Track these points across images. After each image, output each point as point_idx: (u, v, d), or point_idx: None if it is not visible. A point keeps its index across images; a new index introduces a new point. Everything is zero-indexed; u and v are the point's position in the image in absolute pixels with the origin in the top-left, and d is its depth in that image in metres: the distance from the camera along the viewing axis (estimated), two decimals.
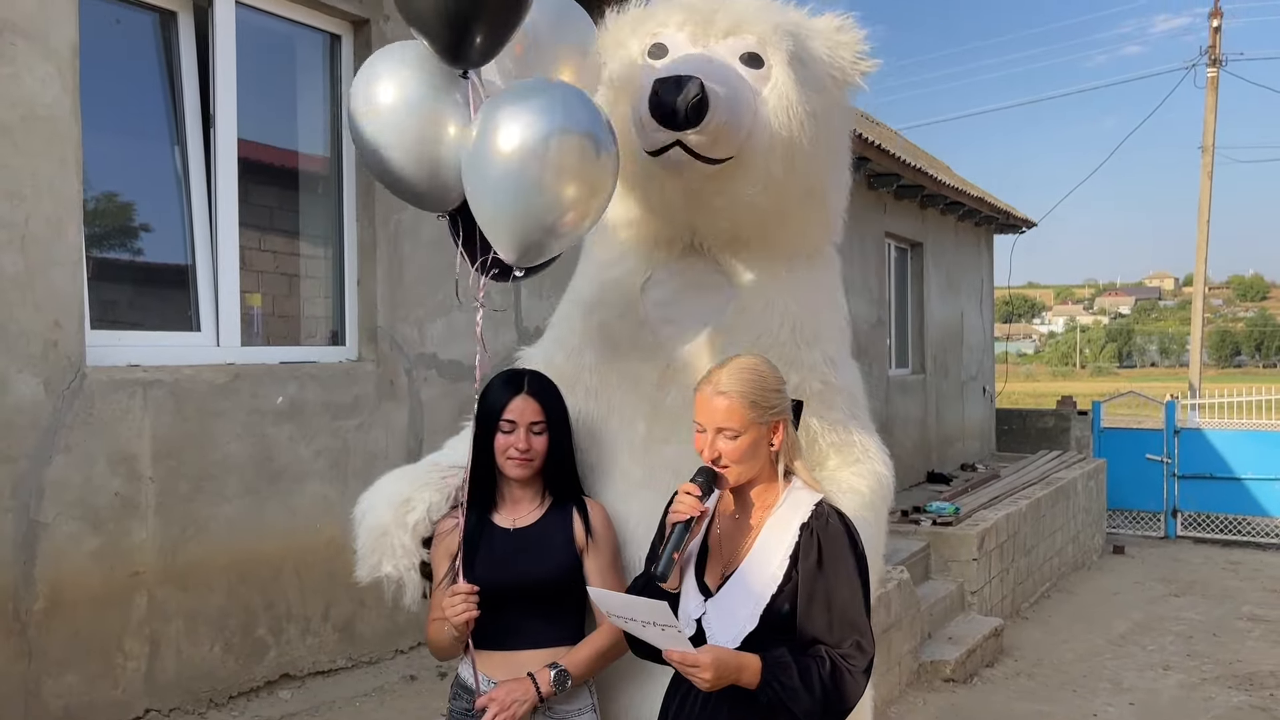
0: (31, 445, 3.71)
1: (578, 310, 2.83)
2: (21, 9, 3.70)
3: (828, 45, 2.65)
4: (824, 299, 2.77)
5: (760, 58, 2.51)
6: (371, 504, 2.63)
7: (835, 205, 2.80)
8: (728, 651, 2.08)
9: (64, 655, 3.80)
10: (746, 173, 2.48)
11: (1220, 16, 18.90)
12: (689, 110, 2.26)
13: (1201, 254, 18.71)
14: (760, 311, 2.63)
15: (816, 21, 2.70)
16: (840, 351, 2.77)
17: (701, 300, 2.67)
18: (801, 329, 2.64)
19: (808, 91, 2.53)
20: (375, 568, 2.56)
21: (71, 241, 3.85)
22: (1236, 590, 9.77)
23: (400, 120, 2.18)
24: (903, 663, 6.26)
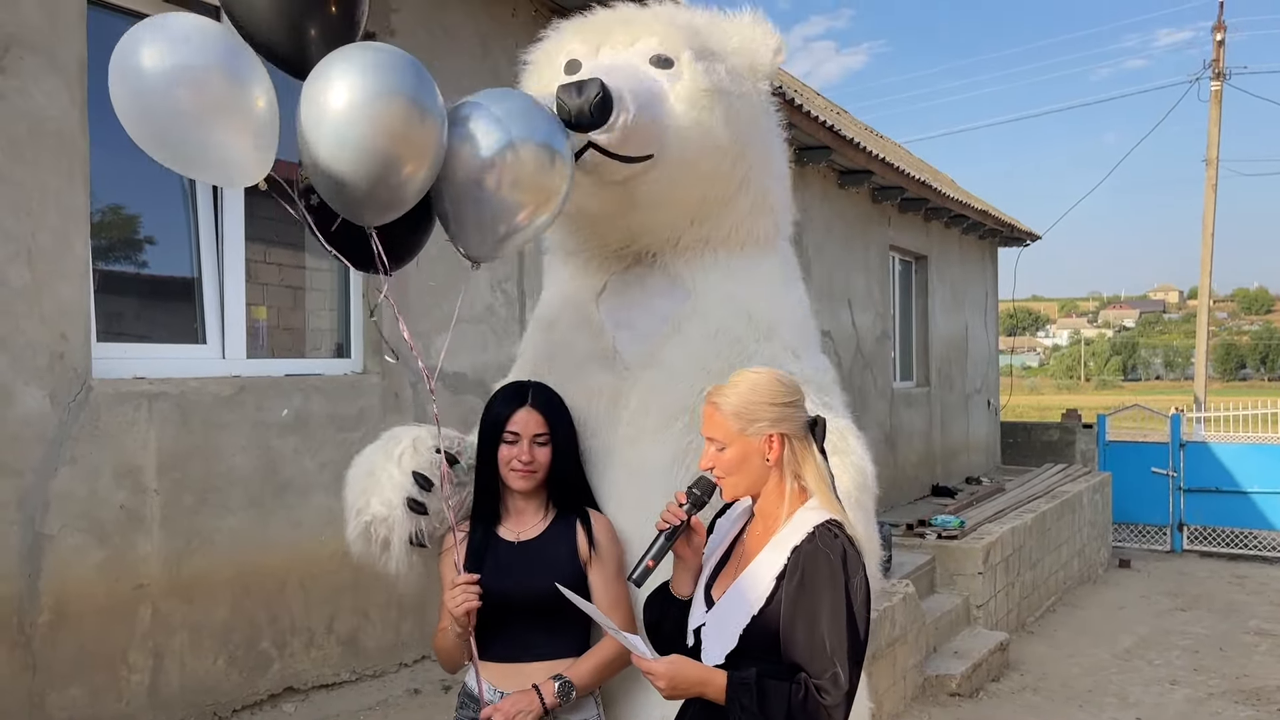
0: (37, 457, 3.72)
1: (539, 331, 2.89)
2: (29, 23, 3.72)
3: (739, 39, 2.70)
4: (779, 290, 2.79)
5: (669, 58, 2.54)
6: (358, 458, 2.65)
7: (777, 196, 2.82)
8: (691, 664, 2.08)
9: (68, 668, 3.79)
10: (670, 168, 2.51)
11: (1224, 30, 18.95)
12: (592, 109, 2.28)
13: (1206, 267, 18.70)
14: (714, 308, 2.65)
15: (727, 20, 2.75)
16: (802, 341, 2.77)
17: (656, 303, 2.70)
18: (757, 322, 2.66)
19: (720, 82, 2.56)
20: (362, 511, 2.54)
21: (78, 254, 3.86)
22: (1243, 604, 9.73)
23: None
24: (908, 677, 6.24)
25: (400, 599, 5.07)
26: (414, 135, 2.08)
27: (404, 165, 2.08)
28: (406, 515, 2.50)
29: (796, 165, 9.13)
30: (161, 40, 1.99)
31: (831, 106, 12.16)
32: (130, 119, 2.02)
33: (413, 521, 2.51)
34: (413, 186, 2.15)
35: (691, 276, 2.69)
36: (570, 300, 2.79)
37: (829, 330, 9.79)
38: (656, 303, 2.70)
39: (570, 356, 2.71)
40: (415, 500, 2.49)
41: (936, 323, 12.72)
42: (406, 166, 2.09)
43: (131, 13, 4.34)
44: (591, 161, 2.40)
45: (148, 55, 1.97)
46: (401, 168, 2.09)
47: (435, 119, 2.11)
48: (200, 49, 2.01)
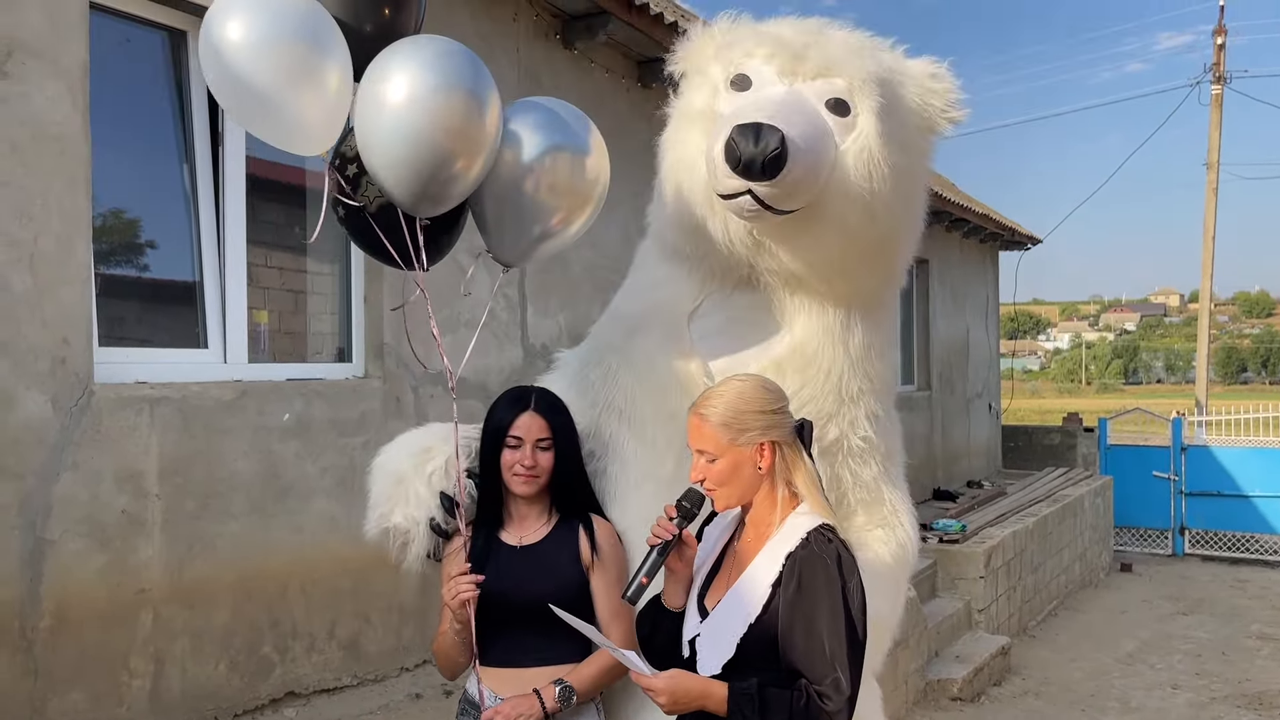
0: (39, 462, 3.72)
1: (619, 328, 2.73)
2: (32, 28, 3.72)
3: (918, 93, 2.53)
4: (876, 352, 2.63)
5: (848, 105, 2.38)
6: (390, 453, 2.60)
7: (905, 257, 2.67)
8: (692, 678, 2.07)
9: (69, 673, 3.79)
10: (818, 224, 2.37)
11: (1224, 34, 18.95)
12: (765, 163, 2.16)
13: (1207, 270, 18.70)
14: (809, 359, 2.51)
15: (910, 66, 2.57)
16: (884, 406, 2.65)
17: (750, 338, 2.55)
18: (848, 383, 2.52)
19: (892, 145, 2.40)
20: (385, 517, 2.53)
21: (80, 259, 3.86)
22: (1245, 608, 9.72)
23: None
24: (909, 681, 6.23)
25: (401, 603, 5.07)
26: (471, 130, 2.09)
27: (458, 160, 2.10)
28: (428, 534, 2.52)
29: None
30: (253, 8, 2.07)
31: None
32: (214, 77, 2.11)
33: (432, 540, 2.53)
34: (466, 180, 2.16)
35: (796, 319, 2.53)
36: (662, 308, 2.62)
37: None
38: (753, 336, 2.55)
39: (650, 368, 2.58)
40: (438, 525, 2.52)
41: (937, 326, 12.72)
42: (460, 161, 2.10)
43: (134, 18, 4.35)
44: (744, 207, 2.29)
45: (237, 23, 2.04)
46: (455, 162, 2.10)
47: (493, 115, 2.13)
48: (289, 19, 2.06)
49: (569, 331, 6.11)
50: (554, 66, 5.95)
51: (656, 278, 2.69)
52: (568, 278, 6.19)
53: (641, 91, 6.83)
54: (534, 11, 5.96)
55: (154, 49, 4.51)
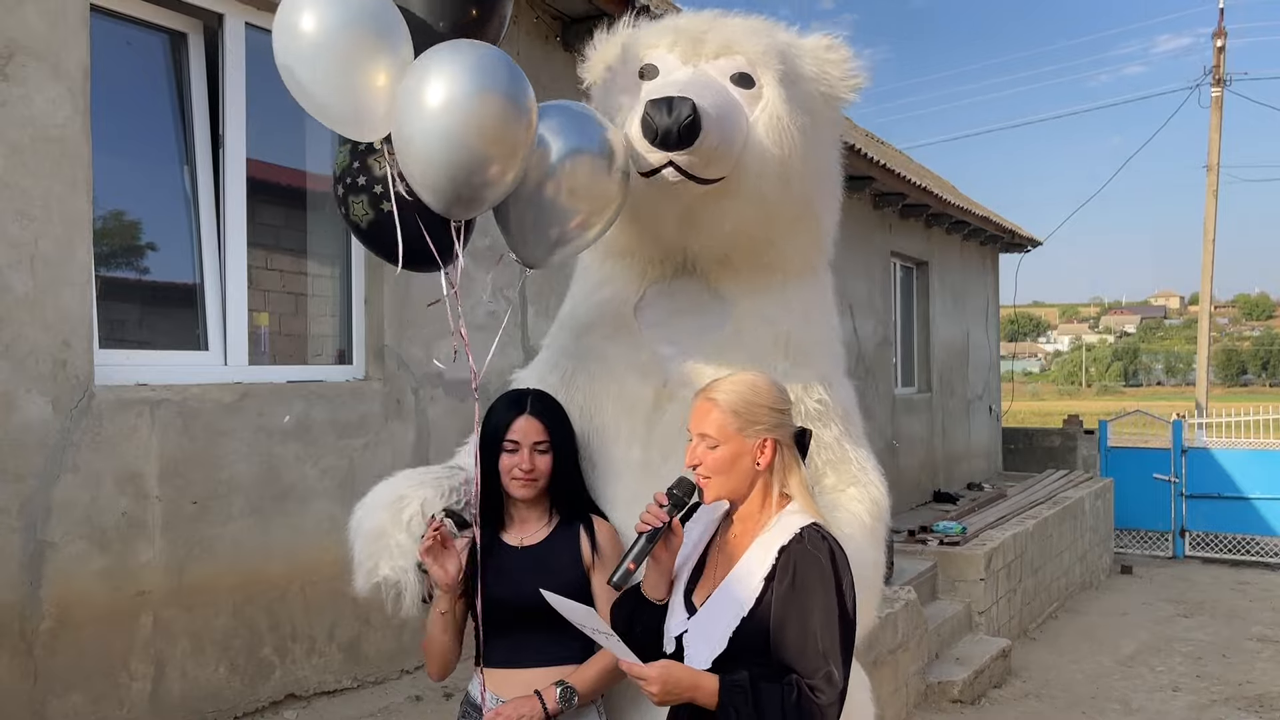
0: (39, 464, 3.72)
1: (569, 332, 2.82)
2: (33, 31, 3.73)
3: (816, 64, 2.66)
4: (817, 317, 2.76)
5: (751, 78, 2.50)
6: (366, 510, 2.61)
7: (827, 224, 2.80)
8: (682, 669, 2.07)
9: (70, 675, 3.79)
10: (739, 192, 2.47)
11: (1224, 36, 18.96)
12: (681, 130, 2.25)
13: (1207, 272, 18.70)
14: (754, 330, 2.62)
15: (805, 41, 2.70)
16: (835, 370, 2.76)
17: (695, 320, 2.66)
18: (795, 348, 2.63)
19: (798, 110, 2.52)
20: (372, 572, 2.53)
21: (81, 261, 3.87)
22: (1245, 610, 9.71)
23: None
24: (910, 684, 6.22)
25: None
26: (508, 135, 2.10)
27: (493, 164, 2.11)
28: (418, 578, 2.52)
29: None
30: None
31: None
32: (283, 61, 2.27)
33: (424, 583, 2.53)
34: (502, 185, 2.18)
35: (736, 294, 2.65)
36: (607, 305, 2.73)
37: None
38: (698, 318, 2.65)
39: (604, 364, 2.66)
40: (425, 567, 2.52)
41: (938, 329, 12.72)
42: (495, 166, 2.12)
43: (135, 20, 4.35)
44: (668, 178, 2.37)
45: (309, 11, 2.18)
46: (490, 166, 2.11)
47: (530, 120, 2.15)
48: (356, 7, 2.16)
49: None
50: (553, 69, 5.96)
51: (599, 279, 2.79)
52: (567, 279, 6.18)
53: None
54: (534, 14, 5.97)
55: (155, 51, 4.52)
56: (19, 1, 3.69)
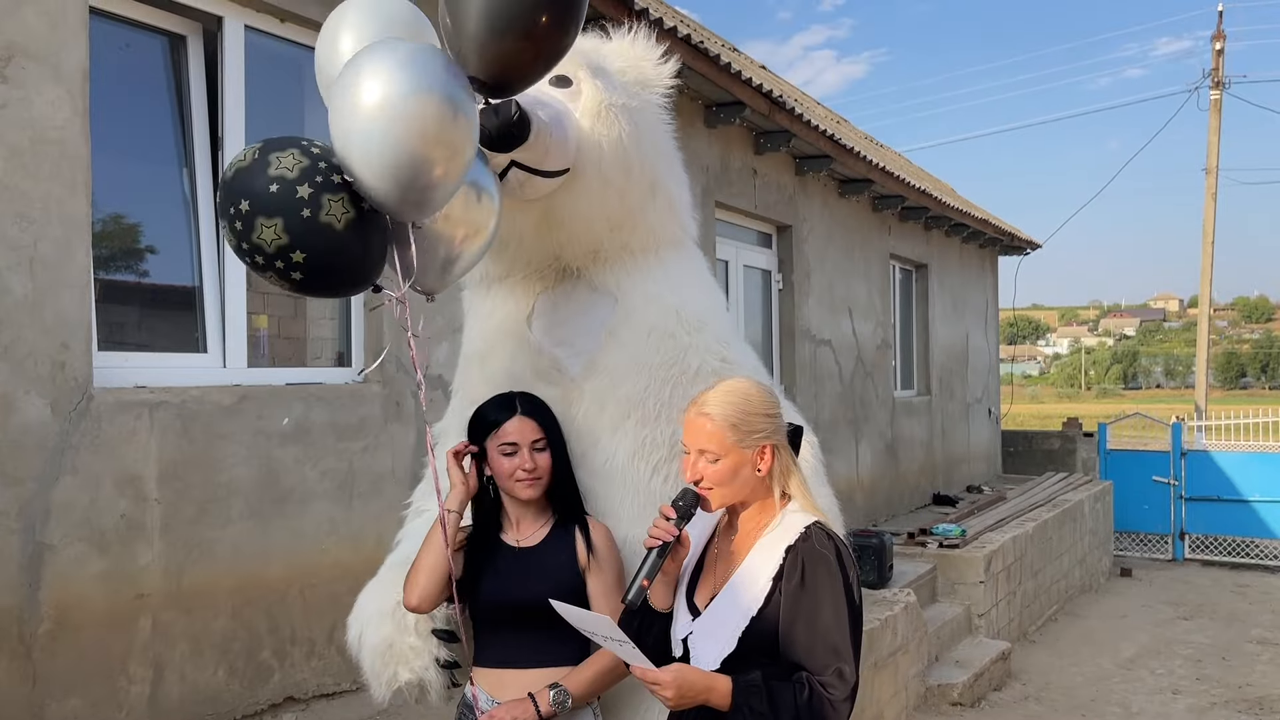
0: (38, 467, 3.71)
1: (474, 363, 2.92)
2: (32, 33, 3.73)
3: (623, 59, 2.81)
4: (699, 285, 2.88)
5: (566, 78, 2.61)
6: (362, 625, 2.67)
7: (680, 199, 2.91)
8: (695, 671, 2.07)
9: (68, 678, 3.78)
10: (585, 180, 2.57)
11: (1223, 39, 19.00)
12: (512, 127, 2.32)
13: (1206, 275, 18.72)
14: (643, 309, 2.72)
15: (608, 44, 2.85)
16: (730, 332, 2.88)
17: (586, 315, 2.76)
18: (685, 316, 2.74)
19: (617, 94, 2.64)
20: (392, 681, 2.60)
21: (80, 263, 3.87)
22: (1245, 613, 9.71)
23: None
24: (910, 686, 6.22)
25: None
26: (446, 135, 2.08)
27: (435, 167, 2.09)
28: (439, 674, 2.59)
29: (797, 174, 9.17)
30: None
31: (832, 115, 12.19)
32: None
33: (446, 676, 2.60)
34: (446, 188, 2.17)
35: (616, 283, 2.76)
36: (500, 328, 2.84)
37: (829, 339, 9.80)
38: (587, 314, 2.76)
39: (511, 379, 2.74)
40: (446, 660, 2.58)
41: (937, 331, 12.72)
42: (438, 168, 2.10)
43: (134, 23, 4.36)
44: (516, 180, 2.46)
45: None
46: (433, 169, 2.10)
47: (469, 117, 2.13)
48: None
49: None
50: None
51: (488, 308, 2.90)
52: None
53: None
54: None
55: (154, 54, 4.52)
56: (18, 4, 3.69)
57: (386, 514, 5.03)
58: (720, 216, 8.08)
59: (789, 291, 9.22)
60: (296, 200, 2.06)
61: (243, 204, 2.06)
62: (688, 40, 6.47)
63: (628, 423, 2.64)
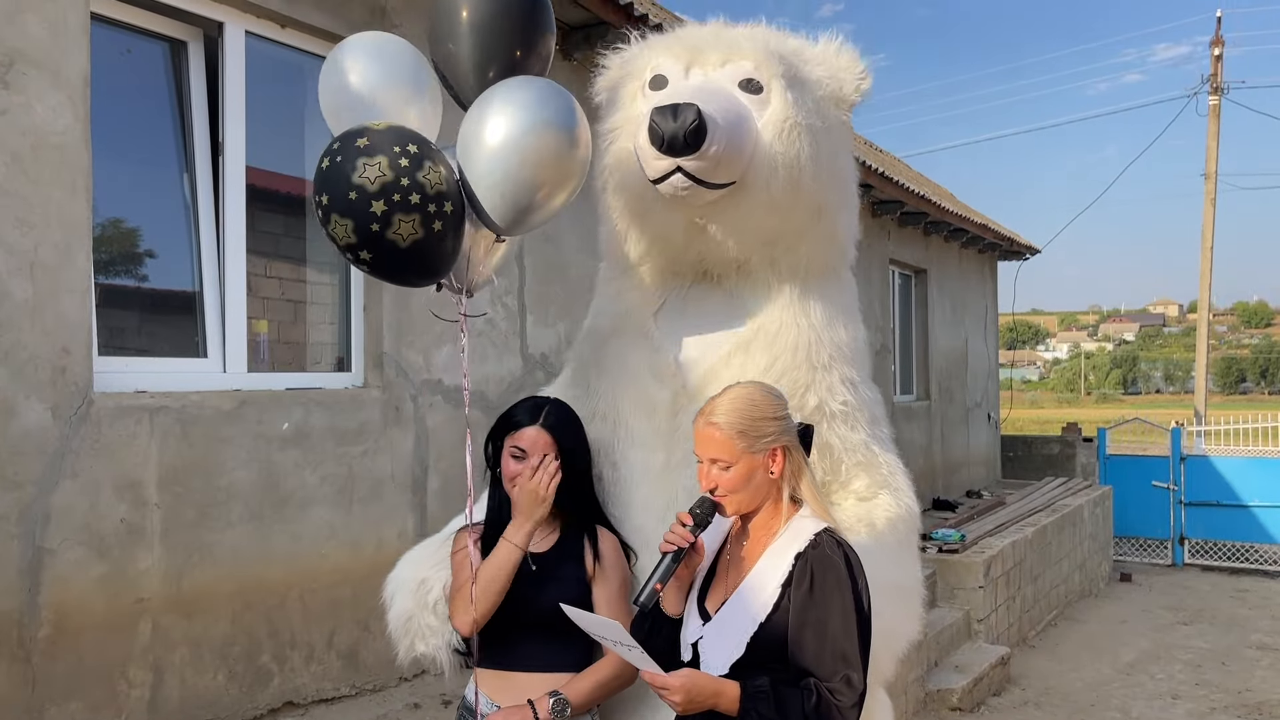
0: (38, 471, 3.72)
1: (591, 344, 2.84)
2: (33, 39, 3.74)
3: (825, 68, 2.68)
4: (839, 320, 2.75)
5: (758, 83, 2.52)
6: (394, 590, 2.69)
7: (845, 226, 2.80)
8: (704, 676, 2.08)
9: (68, 682, 3.78)
10: (750, 197, 2.49)
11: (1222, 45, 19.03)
12: (687, 135, 2.28)
13: (1205, 280, 18.73)
14: (774, 335, 2.62)
15: (812, 47, 2.73)
16: (859, 372, 2.76)
17: (713, 326, 2.67)
18: (816, 352, 2.63)
19: (806, 113, 2.54)
20: (410, 649, 2.62)
21: (80, 268, 3.87)
22: (1245, 618, 9.71)
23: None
24: (909, 691, 6.22)
25: None
26: (563, 164, 2.27)
27: (544, 188, 2.30)
28: (452, 657, 2.60)
29: None
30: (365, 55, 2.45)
31: None
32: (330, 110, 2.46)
33: (457, 660, 2.61)
34: (554, 207, 2.33)
35: (755, 301, 2.66)
36: (627, 314, 2.75)
37: None
38: (717, 324, 2.67)
39: (624, 370, 2.68)
40: (458, 648, 2.59)
41: (936, 336, 12.73)
42: (544, 190, 2.30)
43: (135, 28, 4.37)
44: (679, 184, 2.39)
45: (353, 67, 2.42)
46: (541, 190, 2.30)
47: (582, 148, 2.33)
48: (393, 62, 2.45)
49: (568, 340, 6.12)
50: (553, 76, 5.97)
51: (618, 289, 2.82)
52: (566, 287, 6.20)
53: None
54: None
55: (155, 59, 4.53)
56: (20, 10, 3.70)
57: (386, 518, 5.04)
58: None
59: None
60: (369, 214, 2.16)
61: (323, 197, 2.19)
62: None
63: None
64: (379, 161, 2.18)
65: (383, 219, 2.16)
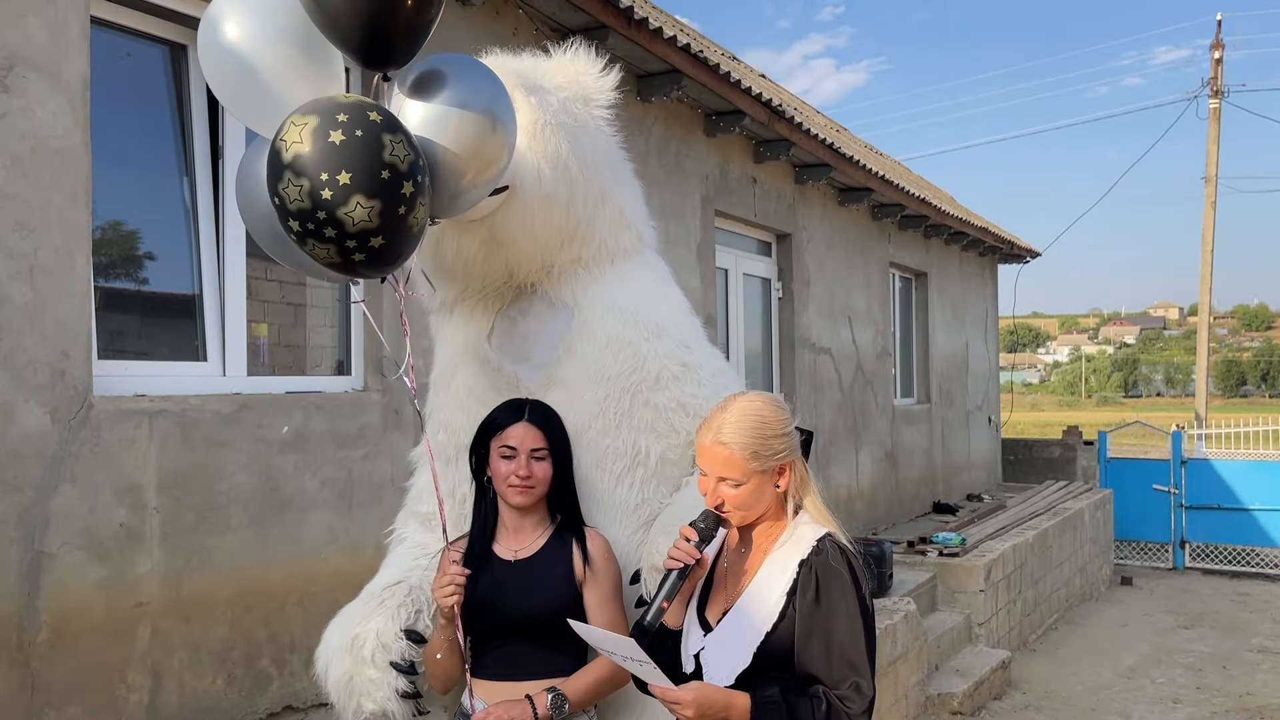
0: (37, 475, 3.71)
1: (439, 390, 2.96)
2: (33, 42, 3.74)
3: (563, 75, 2.83)
4: (655, 291, 2.90)
5: None
6: (327, 658, 2.72)
7: (631, 208, 2.93)
8: (714, 689, 2.06)
9: (67, 687, 3.78)
10: (526, 198, 2.58)
11: (1222, 48, 19.03)
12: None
13: (1206, 283, 18.73)
14: (599, 319, 2.74)
15: (545, 63, 2.87)
16: (692, 335, 2.88)
17: (544, 330, 2.79)
18: (643, 322, 2.76)
19: (554, 112, 2.65)
20: (358, 711, 2.64)
21: (80, 272, 3.87)
22: (1246, 622, 9.70)
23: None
24: (910, 695, 6.21)
25: None
26: (486, 149, 2.21)
27: (467, 174, 2.23)
28: (400, 702, 2.61)
29: (796, 183, 9.18)
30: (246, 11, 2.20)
31: (831, 124, 12.21)
32: (216, 79, 2.28)
33: (410, 706, 2.63)
34: (479, 191, 2.29)
35: (572, 296, 2.78)
36: (464, 348, 2.87)
37: (829, 347, 9.80)
38: (545, 329, 2.79)
39: (476, 400, 2.77)
40: (406, 691, 2.60)
41: (937, 339, 12.72)
42: (468, 176, 2.23)
43: (135, 32, 4.36)
44: None
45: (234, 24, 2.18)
46: (464, 176, 2.23)
47: (508, 132, 2.26)
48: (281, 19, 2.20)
49: None
50: None
51: (449, 332, 2.94)
52: None
53: (641, 106, 6.85)
54: (533, 26, 5.99)
55: (155, 63, 4.53)
56: (19, 13, 3.70)
57: (386, 522, 5.01)
58: (720, 225, 8.09)
59: (789, 300, 9.23)
60: (400, 195, 1.98)
61: (340, 176, 1.92)
62: (687, 49, 6.48)
63: (588, 434, 2.65)
64: (400, 139, 2.00)
65: (410, 201, 1.99)
